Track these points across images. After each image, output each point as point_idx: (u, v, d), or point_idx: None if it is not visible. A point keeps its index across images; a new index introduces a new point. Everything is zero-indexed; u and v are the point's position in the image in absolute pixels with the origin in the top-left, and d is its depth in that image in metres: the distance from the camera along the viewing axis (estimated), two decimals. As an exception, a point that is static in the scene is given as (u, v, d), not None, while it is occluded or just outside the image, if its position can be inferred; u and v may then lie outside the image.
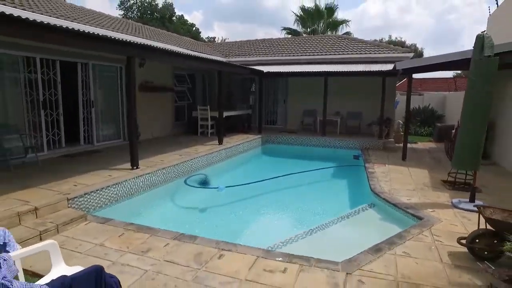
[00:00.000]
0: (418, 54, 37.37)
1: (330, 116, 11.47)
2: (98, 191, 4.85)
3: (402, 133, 9.74)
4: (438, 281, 2.90)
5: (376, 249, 3.45)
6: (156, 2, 32.39)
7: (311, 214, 5.35)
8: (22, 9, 6.61)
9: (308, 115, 12.50)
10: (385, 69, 9.61)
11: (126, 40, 6.06)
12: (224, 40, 33.56)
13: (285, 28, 23.01)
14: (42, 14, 7.08)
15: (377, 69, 9.91)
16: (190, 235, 3.81)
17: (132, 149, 5.97)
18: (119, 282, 2.24)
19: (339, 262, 3.16)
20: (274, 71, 11.05)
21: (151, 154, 7.35)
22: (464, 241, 3.27)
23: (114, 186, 5.14)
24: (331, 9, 21.18)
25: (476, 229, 3.29)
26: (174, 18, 34.17)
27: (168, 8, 32.88)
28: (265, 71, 10.94)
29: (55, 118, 7.47)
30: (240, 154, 9.39)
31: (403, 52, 11.52)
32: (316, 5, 21.13)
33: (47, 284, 1.82)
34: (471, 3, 58.23)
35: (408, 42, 38.11)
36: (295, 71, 11.02)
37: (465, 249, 3.30)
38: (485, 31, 4.82)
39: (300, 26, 22.35)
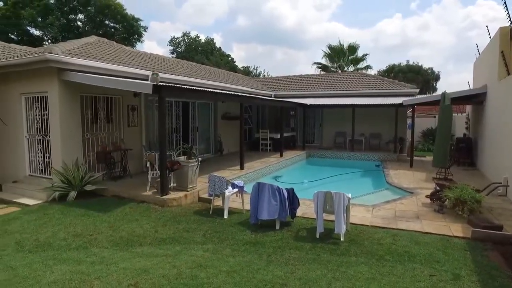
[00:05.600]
0: (435, 77, 40.63)
1: (357, 137, 15.30)
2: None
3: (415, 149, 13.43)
4: (414, 211, 6.65)
5: (386, 201, 7.25)
6: (199, 38, 37.71)
7: (355, 192, 9.15)
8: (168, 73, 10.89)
9: (339, 135, 16.38)
10: (397, 102, 13.38)
11: (221, 92, 10.22)
12: (266, 74, 37.85)
13: (316, 63, 27.50)
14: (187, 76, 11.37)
15: (391, 102, 13.68)
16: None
17: (242, 157, 10.01)
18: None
19: (369, 205, 6.97)
20: (315, 103, 15.03)
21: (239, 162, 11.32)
22: (428, 195, 7.03)
23: (239, 177, 9.13)
24: (353, 48, 25.48)
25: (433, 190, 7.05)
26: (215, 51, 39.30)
27: (210, 43, 38.10)
28: (308, 103, 14.94)
29: (179, 138, 11.70)
30: (294, 164, 13.34)
31: (411, 88, 15.44)
32: (340, 44, 25.52)
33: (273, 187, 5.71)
34: (493, 19, 59.84)
35: (426, 63, 41.06)
36: (330, 103, 14.94)
37: (428, 200, 7.05)
38: (445, 90, 8.64)
39: (328, 61, 26.72)
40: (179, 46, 37.62)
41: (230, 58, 41.85)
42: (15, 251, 4.94)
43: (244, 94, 12.40)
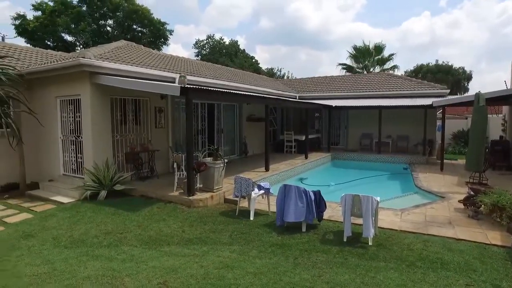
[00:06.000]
0: (467, 76, 39.02)
1: (384, 139, 14.93)
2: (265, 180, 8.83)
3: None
4: (446, 216, 6.40)
5: (416, 206, 7.02)
6: (223, 40, 38.12)
7: (382, 195, 8.93)
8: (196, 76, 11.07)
9: (365, 137, 16.05)
10: (426, 103, 12.95)
11: (247, 94, 10.24)
12: (290, 75, 37.75)
13: (341, 64, 27.13)
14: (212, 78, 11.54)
15: (420, 103, 13.26)
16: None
17: (267, 158, 10.02)
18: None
19: (398, 209, 6.77)
20: (340, 105, 14.81)
21: (264, 164, 11.32)
22: (461, 200, 6.75)
23: (265, 179, 9.13)
24: (379, 48, 24.92)
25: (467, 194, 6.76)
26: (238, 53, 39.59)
27: (234, 45, 38.43)
28: (333, 105, 14.75)
29: (204, 140, 11.85)
30: (319, 166, 13.19)
31: (441, 89, 14.88)
32: (365, 45, 25.03)
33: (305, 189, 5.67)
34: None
35: (457, 63, 39.44)
36: (356, 105, 14.67)
37: (461, 205, 6.76)
38: (479, 90, 8.27)
39: (353, 61, 26.27)
40: (204, 48, 38.19)
41: (254, 60, 42.00)
42: (53, 246, 5.16)
43: (269, 96, 12.41)
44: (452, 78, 34.90)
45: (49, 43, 27.70)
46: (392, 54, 25.31)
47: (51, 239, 5.41)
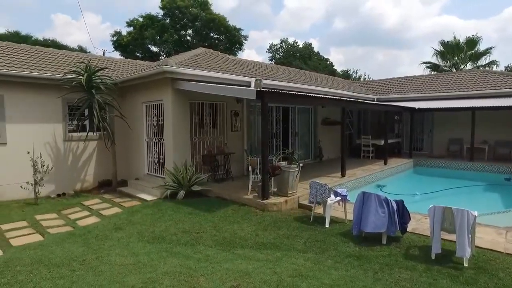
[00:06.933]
0: None
1: (477, 144, 13.20)
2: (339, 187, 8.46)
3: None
4: None
5: (524, 223, 5.98)
6: (297, 43, 38.00)
7: (478, 209, 7.88)
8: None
9: (454, 143, 14.40)
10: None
11: (323, 96, 9.83)
12: (366, 77, 36.13)
13: (424, 62, 24.88)
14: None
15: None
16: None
17: (343, 163, 9.58)
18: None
19: (501, 226, 5.83)
20: (424, 107, 13.53)
21: (340, 169, 10.82)
22: None
23: (340, 185, 8.72)
24: (473, 42, 22.18)
25: None
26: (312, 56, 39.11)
27: (308, 47, 38.07)
28: (416, 107, 13.54)
29: (279, 143, 11.81)
30: (399, 173, 12.21)
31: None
32: (455, 39, 22.48)
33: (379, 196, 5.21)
34: None
35: None
36: (444, 107, 13.25)
37: None
38: None
39: (440, 59, 23.86)
40: (278, 52, 38.54)
41: (328, 62, 41.07)
42: (137, 240, 5.54)
43: (346, 98, 11.89)
44: None
45: (138, 54, 30.68)
46: (490, 48, 22.20)
47: (136, 233, 5.83)
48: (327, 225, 6.04)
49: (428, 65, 24.74)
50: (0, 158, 8.27)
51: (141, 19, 31.07)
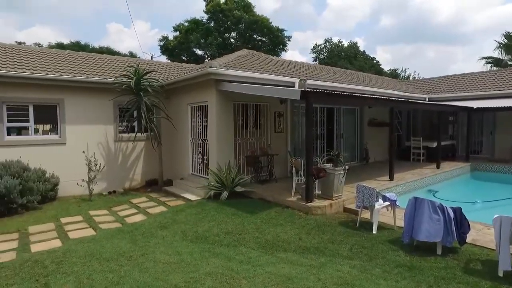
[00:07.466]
0: None
1: (547, 147, 11.89)
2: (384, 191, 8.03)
3: None
4: None
5: None
6: (342, 43, 37.05)
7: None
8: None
9: (519, 145, 13.09)
10: None
11: (371, 96, 9.35)
12: (416, 75, 34.34)
13: (484, 58, 22.91)
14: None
15: None
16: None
17: (391, 166, 9.09)
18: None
19: None
20: (484, 106, 12.44)
21: (387, 173, 10.27)
22: None
23: (388, 189, 8.26)
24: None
25: None
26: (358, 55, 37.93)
27: (353, 47, 36.97)
28: (474, 106, 12.50)
29: (323, 145, 11.51)
30: (454, 178, 11.33)
31: None
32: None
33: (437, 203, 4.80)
34: None
35: None
36: (508, 106, 12.08)
37: None
38: None
39: (504, 53, 21.79)
40: (321, 52, 37.84)
41: (374, 62, 39.57)
42: (181, 239, 5.63)
43: (395, 98, 11.29)
44: None
45: (183, 57, 31.74)
46: None
47: (180, 232, 5.92)
48: (374, 231, 5.72)
49: (488, 60, 22.75)
50: (61, 157, 8.90)
51: (186, 24, 32.11)
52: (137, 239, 5.63)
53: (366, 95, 9.84)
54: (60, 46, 29.42)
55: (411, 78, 32.74)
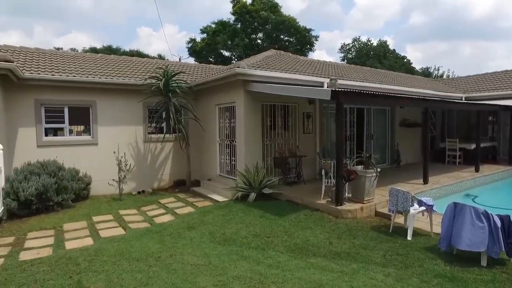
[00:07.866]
0: None
1: None
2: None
3: None
4: None
5: None
6: (371, 42, 36.12)
7: None
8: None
9: None
10: None
11: (403, 96, 8.93)
12: (450, 74, 32.94)
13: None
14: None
15: None
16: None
17: (425, 169, 8.67)
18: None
19: None
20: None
21: (420, 176, 9.77)
22: None
23: (423, 193, 7.87)
24: None
25: None
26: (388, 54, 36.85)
27: (383, 45, 35.95)
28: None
29: (353, 146, 11.19)
30: (496, 182, 10.65)
31: None
32: None
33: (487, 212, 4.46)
34: None
35: None
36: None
37: None
38: None
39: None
40: (350, 52, 37.05)
41: (405, 60, 38.28)
42: (209, 240, 5.59)
43: (429, 98, 10.79)
44: None
45: (211, 59, 32.10)
46: None
47: (208, 234, 5.89)
48: (409, 238, 5.43)
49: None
50: (93, 157, 9.17)
51: (213, 26, 32.44)
52: (165, 240, 5.65)
53: (398, 95, 9.44)
54: (93, 50, 30.62)
55: (444, 77, 31.38)
